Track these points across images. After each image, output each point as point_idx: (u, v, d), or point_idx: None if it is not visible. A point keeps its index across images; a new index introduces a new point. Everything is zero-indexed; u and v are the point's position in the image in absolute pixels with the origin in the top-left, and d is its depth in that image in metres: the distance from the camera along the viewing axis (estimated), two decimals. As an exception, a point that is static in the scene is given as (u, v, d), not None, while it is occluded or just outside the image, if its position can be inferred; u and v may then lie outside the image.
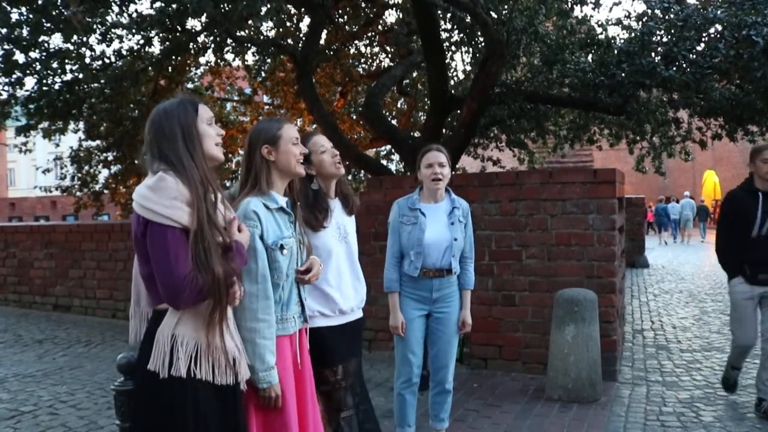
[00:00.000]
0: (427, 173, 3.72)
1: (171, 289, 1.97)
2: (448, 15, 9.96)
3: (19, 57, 8.19)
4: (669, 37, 8.38)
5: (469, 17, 8.87)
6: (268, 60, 12.15)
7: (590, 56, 9.57)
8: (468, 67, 12.34)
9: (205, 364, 2.06)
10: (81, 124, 11.94)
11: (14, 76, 8.48)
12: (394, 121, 14.03)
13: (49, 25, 7.20)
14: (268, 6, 6.46)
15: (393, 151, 14.45)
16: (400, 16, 11.55)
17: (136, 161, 12.28)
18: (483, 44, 9.64)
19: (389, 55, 13.08)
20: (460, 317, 3.84)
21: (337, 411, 3.03)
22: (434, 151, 3.77)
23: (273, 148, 2.63)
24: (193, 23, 9.67)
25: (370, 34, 12.41)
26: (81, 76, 9.49)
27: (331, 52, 11.72)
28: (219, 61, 12.13)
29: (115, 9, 8.16)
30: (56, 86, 9.37)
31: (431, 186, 3.73)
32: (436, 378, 3.89)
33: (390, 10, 11.69)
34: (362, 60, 13.47)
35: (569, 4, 9.34)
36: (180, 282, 1.95)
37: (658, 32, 8.42)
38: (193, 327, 2.05)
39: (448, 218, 3.75)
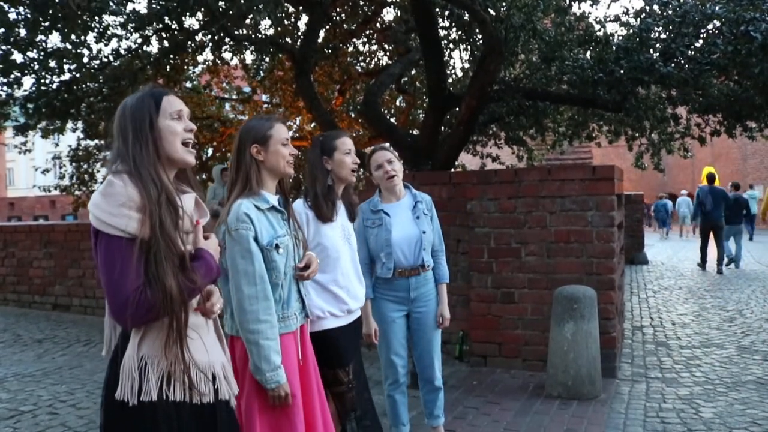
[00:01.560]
0: (380, 174, 3.70)
1: (115, 306, 1.75)
2: (446, 12, 9.96)
3: (17, 57, 8.19)
4: (667, 33, 8.37)
5: (467, 14, 8.86)
6: (267, 58, 12.14)
7: (588, 53, 9.56)
8: (466, 65, 12.34)
9: (179, 384, 1.85)
10: (79, 124, 11.93)
11: (12, 76, 8.47)
12: (392, 119, 14.03)
13: (47, 24, 7.20)
14: (267, 3, 6.45)
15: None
16: (399, 13, 11.55)
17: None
18: (481, 41, 9.64)
19: (388, 53, 13.07)
20: (438, 312, 3.83)
21: (351, 411, 3.03)
22: (379, 151, 3.75)
23: (262, 147, 2.59)
24: (191, 22, 9.66)
25: (368, 32, 12.41)
26: (79, 75, 9.49)
27: (330, 51, 11.70)
28: (217, 60, 12.12)
29: (113, 6, 8.15)
30: (54, 86, 9.37)
31: (388, 185, 3.71)
32: (424, 377, 3.89)
33: (388, 7, 11.67)
34: (361, 58, 13.46)
35: (567, 1, 9.33)
36: (124, 299, 1.73)
37: (656, 28, 8.41)
38: (161, 345, 1.83)
39: (413, 213, 3.74)
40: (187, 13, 7.57)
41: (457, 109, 9.70)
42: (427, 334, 3.81)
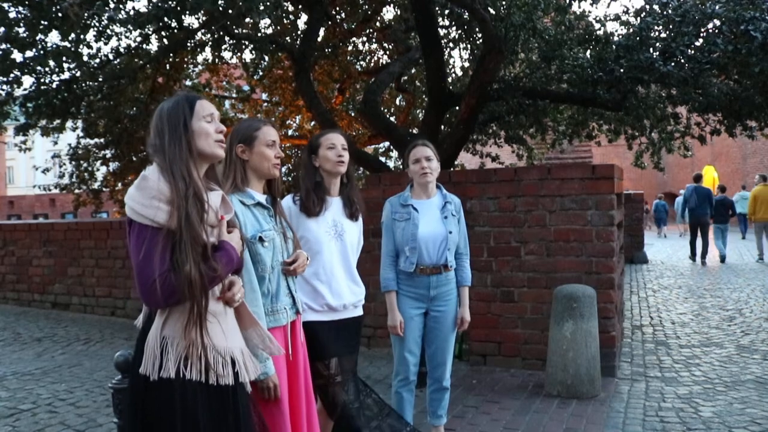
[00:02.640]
0: (416, 169, 3.73)
1: (143, 288, 1.93)
2: (446, 11, 9.97)
3: (17, 56, 8.18)
4: (667, 32, 8.37)
5: (467, 13, 8.86)
6: (266, 57, 12.13)
7: (588, 52, 9.57)
8: (466, 64, 12.35)
9: (197, 364, 2.02)
10: (79, 122, 11.93)
11: (12, 75, 8.46)
12: (392, 118, 14.03)
13: (45, 23, 7.18)
14: (267, 2, 6.44)
15: (391, 147, 14.45)
16: (398, 12, 11.55)
17: (134, 158, 12.29)
18: (481, 40, 9.64)
19: (387, 52, 13.08)
20: (459, 314, 3.83)
21: (333, 405, 3.06)
22: (420, 146, 3.78)
23: (247, 147, 2.70)
24: (191, 20, 9.66)
25: (368, 31, 12.41)
26: (79, 74, 9.48)
27: (329, 49, 11.70)
28: (216, 58, 12.11)
29: (112, 5, 8.14)
30: (54, 85, 9.36)
31: (421, 180, 3.74)
32: (433, 375, 3.89)
33: (388, 6, 11.67)
34: (360, 57, 13.46)
35: (567, 0, 9.33)
36: (151, 282, 1.91)
37: (656, 27, 8.42)
38: (182, 328, 2.01)
39: (441, 213, 3.75)
40: (187, 12, 7.56)
41: (457, 107, 9.71)
42: (443, 334, 3.81)
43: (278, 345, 2.33)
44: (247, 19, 7.96)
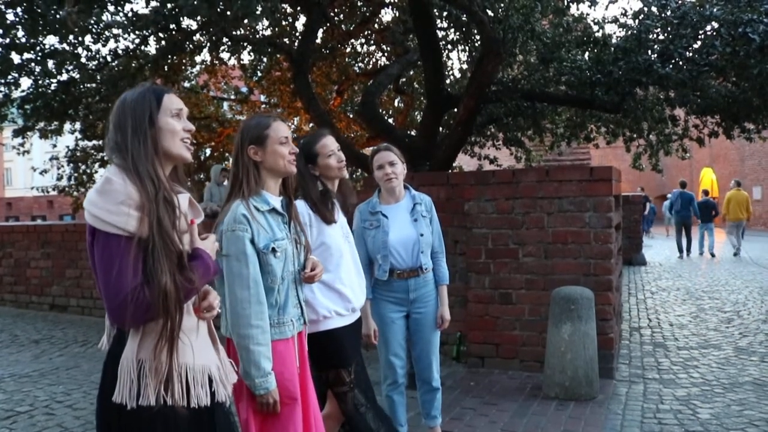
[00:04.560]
0: (380, 175, 3.69)
1: (113, 305, 1.73)
2: (445, 13, 9.98)
3: (15, 58, 8.18)
4: (665, 34, 8.39)
5: (465, 15, 8.87)
6: (264, 59, 12.15)
7: (587, 54, 9.57)
8: (465, 66, 12.36)
9: (178, 387, 1.83)
10: (77, 125, 11.92)
11: (10, 77, 8.46)
12: (390, 120, 14.04)
13: (43, 24, 7.18)
14: (263, 6, 6.45)
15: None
16: (397, 14, 11.56)
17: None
18: (479, 42, 9.65)
19: (386, 54, 13.09)
20: (438, 314, 3.82)
21: (353, 410, 3.02)
22: (382, 151, 3.72)
23: (259, 148, 2.53)
24: (189, 22, 9.66)
25: (366, 33, 12.42)
26: (77, 76, 9.48)
27: (328, 51, 11.71)
28: (215, 60, 12.12)
29: (111, 8, 8.14)
30: (52, 87, 9.36)
31: (386, 186, 3.70)
32: (422, 377, 3.88)
33: (386, 8, 11.69)
34: (359, 58, 13.47)
35: (565, 2, 9.35)
36: (122, 298, 1.71)
37: (654, 30, 8.43)
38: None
39: (411, 215, 3.72)
40: (184, 17, 7.57)
41: (455, 109, 9.71)
42: (426, 335, 3.80)
43: (233, 372, 2.10)
44: (246, 21, 7.97)
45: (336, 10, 11.32)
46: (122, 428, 1.83)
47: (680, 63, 8.17)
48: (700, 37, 8.23)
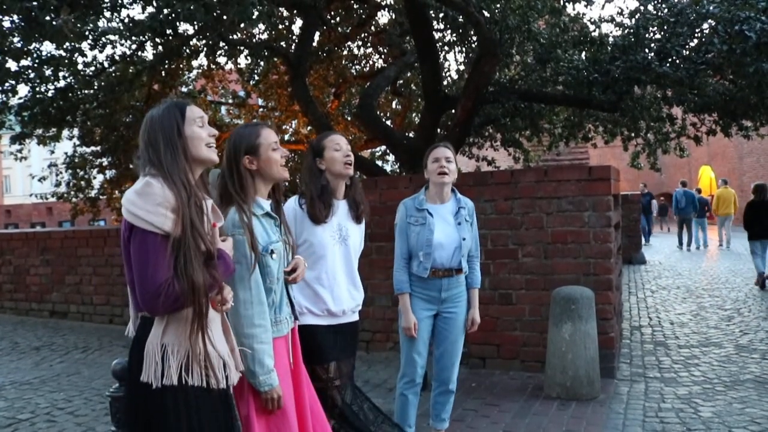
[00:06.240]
0: (434, 167, 3.72)
1: (146, 296, 1.95)
2: (441, 15, 9.97)
3: (12, 65, 8.16)
4: (662, 33, 8.39)
5: (461, 17, 8.87)
6: (261, 63, 12.13)
7: (584, 54, 9.57)
8: (461, 67, 12.36)
9: (198, 370, 2.05)
10: (75, 131, 11.91)
11: (7, 84, 8.45)
12: (388, 122, 14.04)
13: (39, 31, 7.18)
14: (259, 10, 6.45)
15: (388, 151, 14.46)
16: (393, 16, 11.56)
17: (131, 166, 12.27)
18: (476, 43, 9.65)
19: (383, 56, 13.08)
20: (469, 316, 3.83)
21: (331, 408, 3.05)
22: (441, 147, 3.78)
23: (254, 157, 2.61)
24: (186, 27, 9.66)
25: (363, 35, 12.42)
26: (74, 82, 9.47)
27: (325, 54, 11.71)
28: (212, 64, 12.11)
29: (107, 15, 8.14)
30: (50, 93, 9.35)
31: (437, 180, 3.72)
32: (440, 378, 3.88)
33: (382, 10, 11.69)
34: (356, 61, 13.47)
35: (561, 2, 9.34)
36: (155, 289, 1.93)
37: (651, 28, 8.43)
38: (182, 334, 2.03)
39: (455, 218, 3.75)
40: (180, 22, 7.57)
41: (453, 111, 9.71)
42: (453, 336, 3.81)
43: (239, 360, 2.32)
44: (242, 25, 7.97)
45: (332, 13, 11.31)
46: (149, 406, 2.03)
47: (677, 61, 8.17)
48: (697, 35, 8.24)
